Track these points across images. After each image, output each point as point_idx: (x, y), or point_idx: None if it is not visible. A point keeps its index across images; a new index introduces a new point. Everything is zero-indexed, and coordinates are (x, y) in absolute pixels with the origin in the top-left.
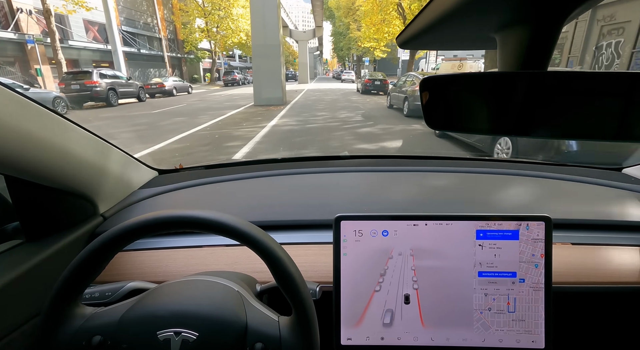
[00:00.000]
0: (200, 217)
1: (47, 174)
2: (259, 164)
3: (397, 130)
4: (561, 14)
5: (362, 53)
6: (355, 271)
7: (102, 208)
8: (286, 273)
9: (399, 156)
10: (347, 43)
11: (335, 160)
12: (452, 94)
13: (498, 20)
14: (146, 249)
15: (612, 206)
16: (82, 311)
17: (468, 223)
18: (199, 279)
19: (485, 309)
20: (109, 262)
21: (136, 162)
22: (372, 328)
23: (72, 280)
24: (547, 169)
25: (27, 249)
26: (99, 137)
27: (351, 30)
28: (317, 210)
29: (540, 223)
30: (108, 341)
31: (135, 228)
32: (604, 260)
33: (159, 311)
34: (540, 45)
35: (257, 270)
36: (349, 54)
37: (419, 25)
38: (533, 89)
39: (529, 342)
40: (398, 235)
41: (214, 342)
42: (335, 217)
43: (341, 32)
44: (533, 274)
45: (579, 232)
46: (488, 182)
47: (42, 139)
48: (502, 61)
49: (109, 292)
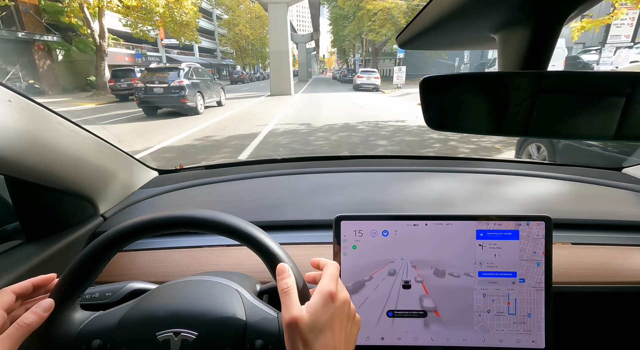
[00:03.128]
0: (199, 217)
1: (47, 175)
2: (259, 164)
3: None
4: (561, 14)
5: (385, 39)
6: (355, 271)
7: (102, 208)
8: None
9: (399, 156)
10: (356, 28)
11: (335, 160)
12: (452, 94)
13: (498, 20)
14: (146, 249)
15: (613, 206)
16: (80, 315)
17: (468, 223)
18: (198, 279)
19: (486, 308)
20: (109, 262)
21: (136, 162)
22: (372, 328)
23: (70, 283)
24: (547, 169)
25: (27, 249)
26: (99, 138)
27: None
28: (317, 210)
29: (540, 223)
30: (107, 344)
31: (134, 229)
32: (604, 260)
33: (158, 312)
34: (540, 45)
35: (257, 270)
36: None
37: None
38: (533, 89)
39: (529, 342)
40: (398, 235)
41: (213, 341)
42: (335, 217)
43: (345, 15)
44: (533, 274)
45: (579, 232)
46: (488, 182)
47: (42, 140)
48: (502, 61)
49: (109, 292)
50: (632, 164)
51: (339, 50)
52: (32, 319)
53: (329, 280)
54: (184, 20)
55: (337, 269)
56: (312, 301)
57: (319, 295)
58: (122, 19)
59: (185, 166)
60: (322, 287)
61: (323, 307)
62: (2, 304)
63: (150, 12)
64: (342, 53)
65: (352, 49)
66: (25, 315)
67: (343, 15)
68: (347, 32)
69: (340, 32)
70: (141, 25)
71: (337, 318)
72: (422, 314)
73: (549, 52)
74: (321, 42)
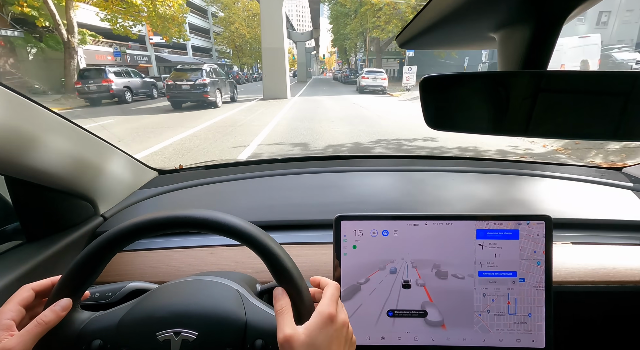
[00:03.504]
0: (199, 217)
1: (47, 175)
2: (259, 164)
3: None
4: (561, 14)
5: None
6: (355, 271)
7: (102, 208)
8: (283, 269)
9: (399, 156)
10: (358, 25)
11: (335, 160)
12: (452, 94)
13: (498, 19)
14: (146, 249)
15: (612, 206)
16: (81, 315)
17: (468, 223)
18: (198, 279)
19: (486, 308)
20: (110, 262)
21: (136, 162)
22: (373, 327)
23: (70, 284)
24: (547, 169)
25: (27, 249)
26: (99, 138)
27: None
28: (317, 210)
29: (540, 222)
30: (108, 345)
31: (135, 229)
32: (604, 259)
33: (158, 312)
34: (540, 45)
35: (257, 270)
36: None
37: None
38: (533, 89)
39: (530, 342)
40: (398, 235)
41: (214, 341)
42: (335, 217)
43: (346, 12)
44: (533, 274)
45: (579, 232)
46: (488, 182)
47: (42, 140)
48: (502, 61)
49: (109, 292)
50: (632, 164)
51: (340, 50)
52: (51, 317)
53: (328, 302)
54: (167, 14)
55: (337, 290)
56: (311, 322)
57: (318, 316)
58: (100, 12)
59: (185, 166)
60: (321, 308)
61: (321, 328)
62: (22, 301)
63: (130, 5)
64: (343, 53)
65: (354, 48)
66: (45, 313)
67: (344, 13)
68: (348, 31)
69: (341, 30)
70: (121, 20)
71: (335, 340)
72: (422, 314)
73: (549, 51)
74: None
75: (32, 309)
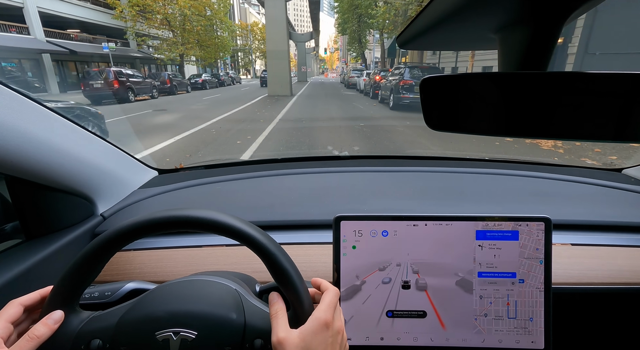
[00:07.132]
0: (199, 216)
1: (46, 174)
2: (259, 164)
3: None
4: (561, 14)
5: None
6: (355, 271)
7: (101, 208)
8: (282, 269)
9: (399, 156)
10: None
11: (335, 161)
12: (451, 94)
13: (498, 20)
14: (146, 248)
15: (612, 207)
16: (80, 315)
17: (468, 223)
18: (197, 279)
19: (485, 308)
20: (109, 262)
21: (136, 162)
22: (372, 328)
23: (69, 283)
24: (548, 170)
25: (26, 248)
26: (99, 137)
27: None
28: (317, 210)
29: (539, 223)
30: (107, 344)
31: (134, 228)
32: (603, 261)
33: (157, 312)
34: (540, 45)
35: (256, 270)
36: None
37: (419, 26)
38: (533, 89)
39: (529, 343)
40: (398, 235)
41: (213, 340)
42: (335, 217)
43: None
44: (533, 275)
45: (579, 233)
46: (488, 183)
47: (41, 139)
48: (502, 61)
49: (108, 292)
50: (632, 165)
51: (351, 39)
52: (43, 331)
53: (326, 308)
54: None
55: (336, 296)
56: (306, 326)
57: (315, 321)
58: None
59: (185, 166)
60: (318, 314)
61: (316, 334)
62: (9, 317)
63: None
64: (356, 43)
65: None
66: (36, 327)
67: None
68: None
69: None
70: None
71: (329, 347)
72: (422, 314)
73: (549, 52)
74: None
75: (20, 325)
